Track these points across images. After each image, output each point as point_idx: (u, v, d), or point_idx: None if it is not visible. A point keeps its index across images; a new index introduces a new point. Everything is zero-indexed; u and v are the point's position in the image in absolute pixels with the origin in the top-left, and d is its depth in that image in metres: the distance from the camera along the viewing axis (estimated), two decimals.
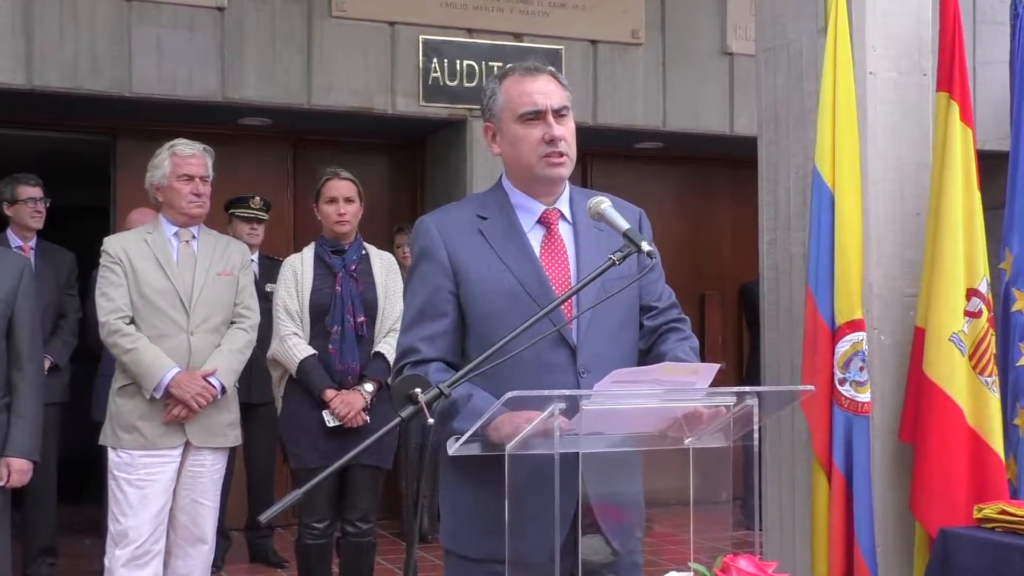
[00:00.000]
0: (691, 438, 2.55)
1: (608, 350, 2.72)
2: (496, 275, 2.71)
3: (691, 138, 8.61)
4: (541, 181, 2.78)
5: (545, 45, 7.89)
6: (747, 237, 7.71)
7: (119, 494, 4.47)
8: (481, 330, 2.70)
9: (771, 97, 4.55)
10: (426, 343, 2.72)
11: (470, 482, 2.67)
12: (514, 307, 2.65)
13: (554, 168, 2.75)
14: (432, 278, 2.75)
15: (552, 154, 2.73)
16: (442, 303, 2.73)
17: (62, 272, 6.47)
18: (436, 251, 2.75)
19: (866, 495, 3.93)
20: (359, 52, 7.51)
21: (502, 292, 2.70)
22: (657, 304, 2.87)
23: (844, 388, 3.95)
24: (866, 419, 3.96)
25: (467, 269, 2.73)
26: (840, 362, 3.96)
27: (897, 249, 4.19)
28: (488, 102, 2.81)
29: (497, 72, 2.88)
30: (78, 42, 6.85)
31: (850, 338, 3.96)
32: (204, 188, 4.63)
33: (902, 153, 4.22)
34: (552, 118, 2.73)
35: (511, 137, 2.76)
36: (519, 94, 2.74)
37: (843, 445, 3.95)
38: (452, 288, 2.74)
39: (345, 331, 4.98)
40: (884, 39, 4.20)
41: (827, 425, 3.99)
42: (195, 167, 4.60)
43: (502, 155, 2.82)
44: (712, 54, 8.48)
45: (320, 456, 4.89)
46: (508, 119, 2.76)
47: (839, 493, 3.95)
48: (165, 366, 4.43)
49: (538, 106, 2.72)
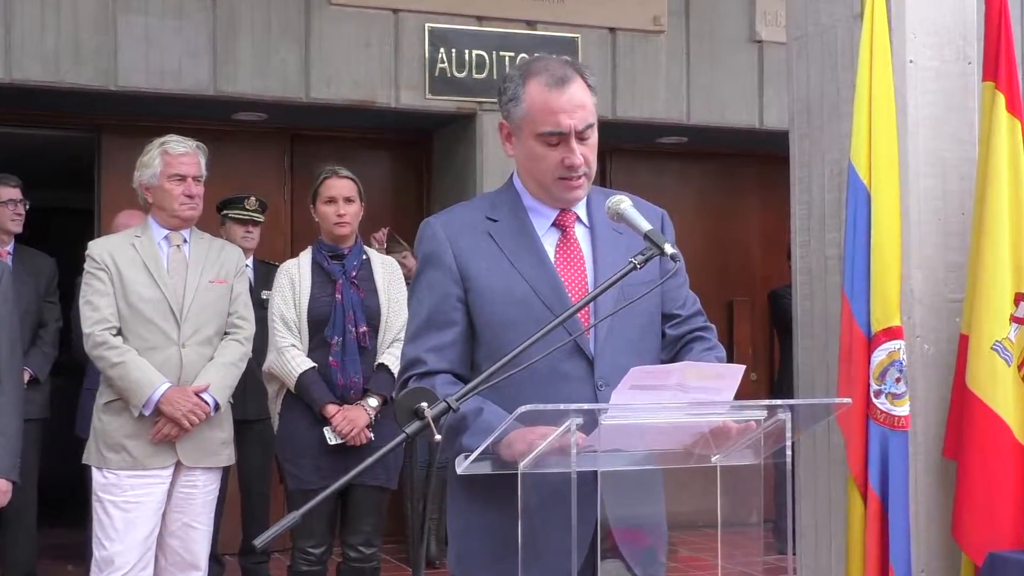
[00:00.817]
0: (718, 455, 2.55)
1: (628, 360, 2.70)
2: (507, 281, 2.71)
3: (717, 132, 8.60)
4: (555, 200, 2.79)
5: (560, 33, 7.90)
6: (778, 239, 7.71)
7: (104, 517, 4.48)
8: (491, 340, 2.70)
9: (803, 88, 4.55)
10: (433, 354, 2.72)
11: (480, 503, 2.67)
12: (527, 316, 2.64)
13: (571, 192, 2.75)
14: (439, 284, 2.75)
15: (571, 179, 2.73)
16: (450, 311, 2.73)
17: (42, 279, 6.48)
18: (443, 255, 2.75)
19: (903, 517, 3.91)
20: (360, 42, 7.53)
21: (513, 300, 2.69)
22: (681, 312, 2.87)
23: (879, 401, 3.93)
24: (904, 435, 3.94)
25: (476, 275, 2.73)
26: (876, 373, 3.94)
27: (940, 250, 4.18)
28: (508, 104, 2.76)
29: (522, 65, 2.81)
30: (60, 32, 6.88)
31: (887, 347, 3.94)
32: (197, 189, 4.63)
33: (945, 147, 4.21)
34: (575, 142, 2.70)
35: (528, 151, 2.75)
36: (543, 109, 2.69)
37: (879, 463, 3.93)
38: (460, 295, 2.74)
39: (346, 342, 4.98)
40: (925, 25, 4.20)
41: (862, 441, 3.98)
42: (188, 166, 4.60)
43: (516, 158, 2.82)
44: (740, 42, 8.47)
45: (321, 477, 4.88)
46: (527, 131, 2.73)
47: (874, 515, 3.93)
48: (155, 381, 4.44)
49: (561, 128, 2.68)
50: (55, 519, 7.44)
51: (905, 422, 3.93)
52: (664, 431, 2.49)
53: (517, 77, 2.76)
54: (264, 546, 2.27)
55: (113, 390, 4.50)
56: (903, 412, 3.93)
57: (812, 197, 4.49)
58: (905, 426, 3.93)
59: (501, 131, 2.81)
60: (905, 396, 3.94)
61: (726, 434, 2.50)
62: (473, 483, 2.59)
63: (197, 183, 4.64)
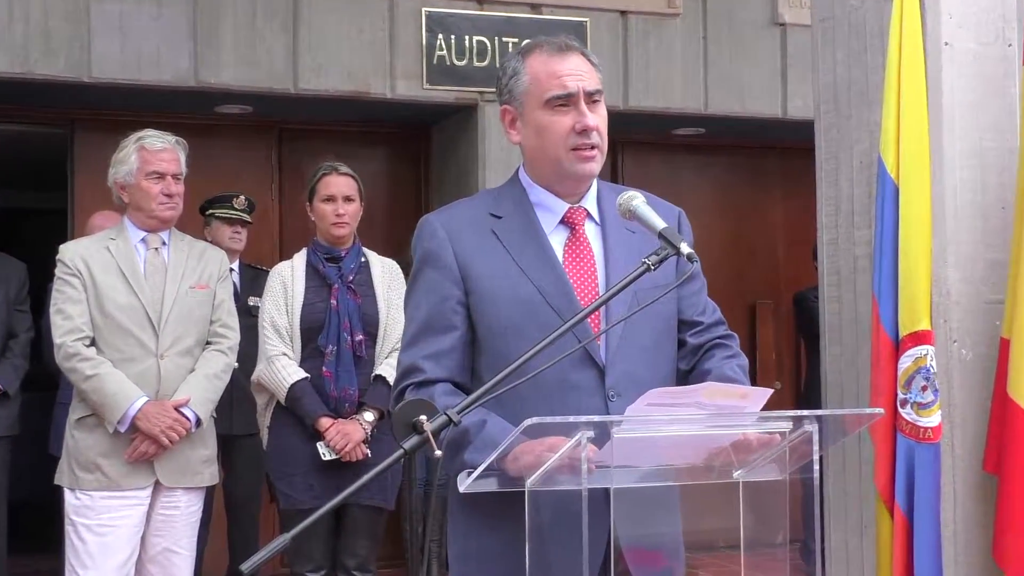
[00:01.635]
0: (740, 470, 2.54)
1: (641, 369, 2.71)
2: (512, 283, 2.71)
3: (737, 123, 8.60)
4: (568, 177, 2.78)
5: (567, 17, 7.89)
6: (803, 237, 7.70)
7: (77, 542, 4.48)
8: (495, 347, 2.70)
9: (830, 74, 4.54)
10: (431, 361, 2.72)
11: (483, 523, 2.67)
12: (532, 320, 2.65)
13: (585, 163, 2.76)
14: (438, 286, 2.75)
15: (583, 147, 2.74)
16: (449, 315, 2.74)
17: (12, 285, 6.48)
18: (443, 255, 2.75)
19: (931, 536, 3.88)
20: (353, 28, 7.53)
21: (518, 302, 2.70)
22: (702, 319, 2.88)
23: (905, 411, 3.92)
24: (931, 447, 3.92)
25: (478, 276, 2.73)
26: (902, 380, 3.93)
27: (978, 248, 4.17)
28: (509, 82, 2.80)
29: (519, 47, 2.87)
30: (29, 21, 6.88)
31: (913, 352, 3.92)
32: (176, 187, 4.64)
33: (983, 137, 4.20)
34: (584, 104, 2.73)
35: (535, 125, 2.76)
36: (547, 74, 2.74)
37: (905, 477, 3.92)
38: (461, 297, 2.74)
39: (341, 351, 4.98)
40: (961, 5, 4.19)
41: (889, 454, 3.97)
42: (166, 163, 4.60)
43: (522, 144, 2.82)
44: (761, 25, 8.47)
45: (314, 496, 4.89)
46: (533, 103, 2.76)
47: (901, 533, 3.92)
48: (131, 395, 4.44)
49: (569, 89, 2.72)
50: (27, 544, 7.43)
51: (933, 434, 3.91)
52: (681, 444, 2.49)
53: (515, 56, 2.82)
54: (252, 571, 2.26)
55: (87, 404, 4.50)
56: (930, 423, 3.91)
57: (840, 192, 4.48)
58: (932, 438, 3.91)
59: (504, 118, 2.83)
60: (932, 406, 3.91)
61: (747, 446, 2.50)
62: (476, 502, 2.59)
63: (177, 181, 4.63)
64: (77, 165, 7.88)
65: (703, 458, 2.52)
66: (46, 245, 5.88)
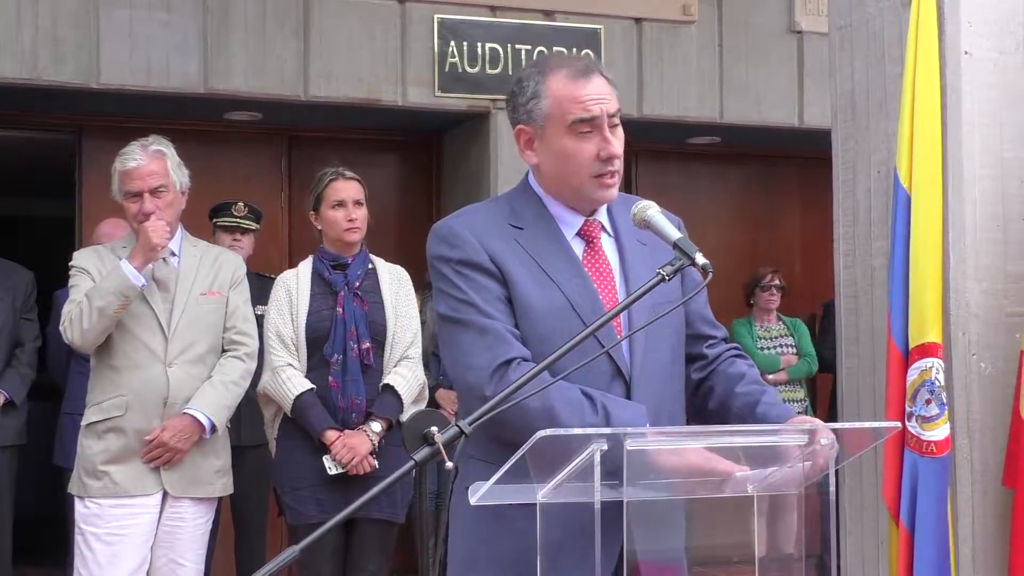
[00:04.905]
0: (754, 484, 2.54)
1: (662, 384, 2.76)
2: (542, 291, 2.72)
3: (753, 132, 8.60)
4: (587, 201, 2.81)
5: (581, 24, 7.91)
6: (821, 248, 7.69)
7: (86, 551, 4.48)
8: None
9: (847, 83, 4.54)
10: (508, 343, 2.67)
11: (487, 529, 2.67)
12: (563, 329, 2.64)
13: (607, 190, 2.78)
14: (487, 283, 2.72)
15: (606, 174, 2.75)
16: (505, 309, 2.71)
17: (19, 293, 6.48)
18: (479, 259, 2.73)
19: (932, 553, 3.87)
20: (364, 35, 7.55)
21: (550, 311, 2.70)
22: (715, 333, 2.94)
23: (910, 424, 3.93)
24: (936, 462, 3.91)
25: (512, 282, 2.73)
26: (908, 393, 3.93)
27: (998, 260, 4.17)
28: (527, 102, 2.78)
29: (536, 64, 2.86)
30: (37, 26, 6.91)
31: (919, 365, 3.93)
32: (154, 203, 4.51)
33: (1004, 147, 4.20)
34: (608, 129, 2.73)
35: (559, 150, 2.76)
36: (570, 99, 2.73)
37: (909, 491, 3.92)
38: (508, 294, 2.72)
39: (348, 360, 4.95)
40: (982, 12, 4.19)
41: (896, 468, 3.97)
42: (139, 181, 4.50)
43: (540, 166, 2.82)
44: (778, 33, 8.47)
45: (322, 511, 4.84)
46: (555, 128, 2.75)
47: (904, 549, 3.92)
48: (120, 266, 4.41)
49: (593, 112, 2.72)
50: (33, 556, 7.44)
51: (937, 448, 3.91)
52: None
53: (535, 75, 2.79)
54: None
55: (99, 310, 4.40)
56: (935, 437, 3.91)
57: (857, 202, 4.48)
58: (937, 452, 3.91)
59: (519, 138, 2.82)
60: (937, 419, 3.92)
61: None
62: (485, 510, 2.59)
63: (156, 196, 4.51)
64: (85, 172, 7.90)
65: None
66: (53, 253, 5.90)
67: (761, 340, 7.96)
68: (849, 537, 4.46)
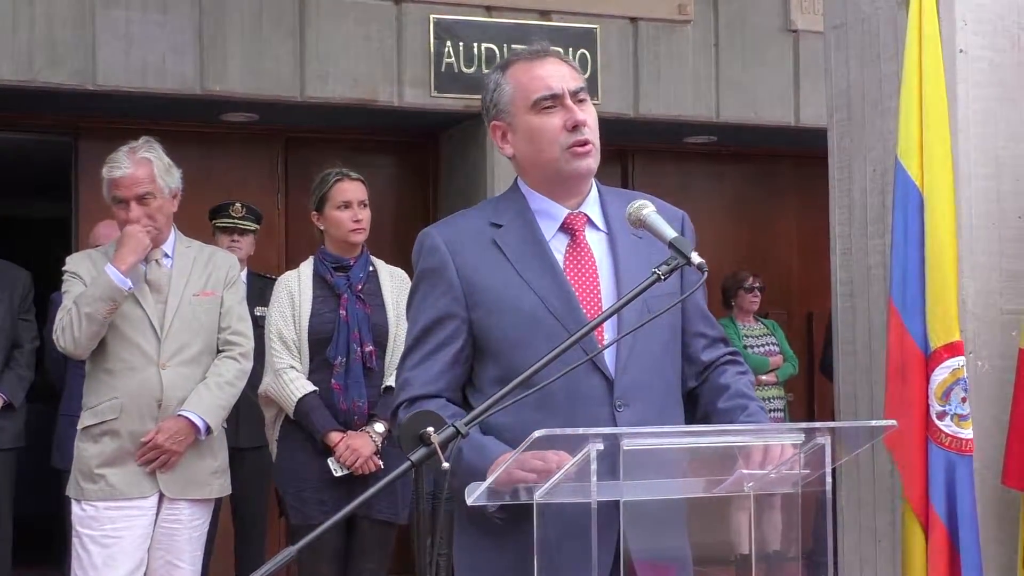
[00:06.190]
0: (752, 482, 2.54)
1: (649, 378, 2.74)
2: (514, 294, 2.73)
3: (749, 131, 8.59)
4: (567, 178, 2.80)
5: (576, 24, 7.90)
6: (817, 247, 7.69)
7: (83, 554, 4.48)
8: (500, 359, 2.72)
9: (843, 81, 4.55)
10: (423, 377, 2.76)
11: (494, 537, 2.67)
12: (537, 331, 2.66)
13: (581, 159, 2.78)
14: (436, 303, 2.78)
15: (577, 143, 2.76)
16: (446, 332, 2.76)
17: (16, 293, 6.47)
18: (444, 272, 2.78)
19: (974, 548, 3.88)
20: (360, 35, 7.54)
21: (522, 314, 2.71)
22: (709, 331, 2.93)
23: (944, 423, 3.92)
24: (970, 459, 3.93)
25: (482, 289, 2.75)
26: (938, 392, 3.92)
27: (994, 258, 4.17)
28: (493, 96, 2.85)
29: (496, 65, 2.94)
30: (33, 28, 6.90)
31: (949, 364, 3.92)
32: (146, 208, 4.51)
33: (999, 145, 4.20)
34: (571, 101, 2.76)
35: (526, 131, 2.79)
36: (529, 80, 2.79)
37: (944, 490, 3.90)
38: (463, 315, 2.76)
39: (351, 363, 4.94)
40: (976, 11, 4.20)
41: (922, 467, 3.96)
42: (124, 189, 4.49)
43: (516, 156, 2.85)
44: (773, 32, 8.47)
45: (325, 512, 4.80)
46: (520, 110, 2.79)
47: (940, 547, 3.90)
48: (108, 274, 4.40)
49: (554, 89, 2.76)
50: (31, 558, 7.44)
51: (971, 445, 3.92)
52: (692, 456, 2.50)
53: (496, 71, 2.88)
54: None
55: (87, 316, 4.40)
56: (968, 435, 3.93)
57: (853, 200, 4.49)
58: (970, 450, 3.93)
59: (495, 135, 2.86)
60: (970, 418, 3.93)
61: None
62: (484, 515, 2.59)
63: (143, 203, 4.51)
64: (81, 174, 7.88)
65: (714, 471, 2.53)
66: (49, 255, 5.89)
67: (747, 339, 8.02)
68: (847, 534, 4.47)
